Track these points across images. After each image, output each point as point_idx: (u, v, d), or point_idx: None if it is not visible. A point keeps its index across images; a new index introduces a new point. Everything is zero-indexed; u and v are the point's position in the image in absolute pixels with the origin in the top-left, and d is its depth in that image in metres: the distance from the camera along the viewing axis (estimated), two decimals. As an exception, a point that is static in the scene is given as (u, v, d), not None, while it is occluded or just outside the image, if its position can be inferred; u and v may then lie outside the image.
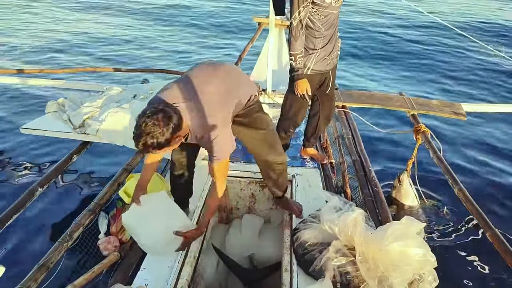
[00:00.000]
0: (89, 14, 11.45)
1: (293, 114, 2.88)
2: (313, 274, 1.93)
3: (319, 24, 2.49)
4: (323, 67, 2.67)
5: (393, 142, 4.78)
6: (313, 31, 2.52)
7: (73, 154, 3.09)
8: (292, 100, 2.83)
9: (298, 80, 2.59)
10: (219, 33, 9.95)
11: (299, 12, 2.40)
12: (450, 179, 2.76)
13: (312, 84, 2.70)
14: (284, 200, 2.54)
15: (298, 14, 2.41)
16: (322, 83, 2.81)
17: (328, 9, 2.45)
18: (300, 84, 2.60)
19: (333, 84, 2.87)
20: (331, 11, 2.47)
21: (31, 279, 1.98)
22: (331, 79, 2.81)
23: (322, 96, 2.91)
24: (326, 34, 2.55)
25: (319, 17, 2.46)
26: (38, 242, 2.78)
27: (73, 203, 3.53)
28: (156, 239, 2.07)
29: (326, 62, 2.66)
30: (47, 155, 4.34)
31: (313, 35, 2.54)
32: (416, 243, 1.77)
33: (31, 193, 2.61)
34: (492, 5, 13.49)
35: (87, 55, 8.17)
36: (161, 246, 2.09)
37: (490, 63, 7.98)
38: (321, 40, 2.56)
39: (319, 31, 2.52)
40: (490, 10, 12.84)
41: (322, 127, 3.12)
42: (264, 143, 2.27)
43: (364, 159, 3.17)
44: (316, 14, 2.45)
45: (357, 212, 1.91)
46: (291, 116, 2.90)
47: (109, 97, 3.55)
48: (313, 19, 2.48)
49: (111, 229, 2.75)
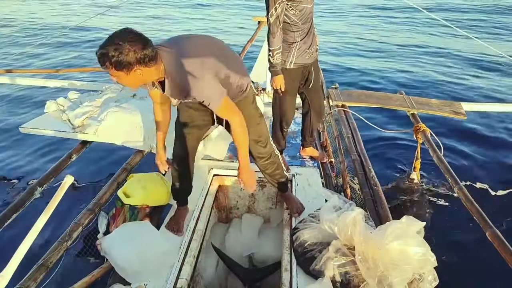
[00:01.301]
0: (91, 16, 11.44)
1: (283, 113, 2.95)
2: (313, 274, 1.93)
3: (295, 18, 2.58)
4: (305, 60, 2.75)
5: (393, 142, 4.78)
6: (290, 25, 2.61)
7: (72, 154, 3.09)
8: (278, 98, 2.90)
9: (274, 76, 2.68)
10: (219, 34, 9.95)
11: (275, 8, 2.49)
12: (450, 178, 2.76)
13: (297, 79, 2.79)
14: (287, 195, 2.55)
15: (274, 11, 2.50)
16: (306, 79, 2.88)
17: (302, 3, 2.54)
18: (276, 80, 2.69)
19: (316, 78, 2.92)
20: (305, 5, 2.56)
21: (31, 279, 1.98)
22: (313, 73, 2.87)
23: (309, 93, 2.97)
24: (303, 28, 2.64)
25: (294, 11, 2.55)
26: (37, 241, 2.77)
27: (72, 203, 3.53)
28: (131, 260, 2.02)
29: (306, 55, 2.74)
30: (46, 154, 4.34)
31: (291, 29, 2.63)
32: (416, 242, 1.76)
33: (30, 192, 2.60)
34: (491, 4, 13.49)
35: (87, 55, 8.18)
36: (137, 267, 2.03)
37: (490, 62, 7.98)
38: (299, 33, 2.65)
39: (296, 25, 2.61)
40: (489, 8, 12.84)
41: (315, 123, 3.16)
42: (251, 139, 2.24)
43: (363, 159, 3.17)
44: (291, 9, 2.54)
45: (357, 211, 1.91)
46: (281, 115, 2.96)
47: (108, 97, 3.55)
48: (289, 15, 2.57)
49: (111, 229, 2.75)
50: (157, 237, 2.18)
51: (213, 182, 2.86)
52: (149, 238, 2.15)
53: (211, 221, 2.77)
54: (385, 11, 12.60)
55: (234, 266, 2.50)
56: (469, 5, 13.39)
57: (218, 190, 2.92)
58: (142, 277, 2.02)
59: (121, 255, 2.03)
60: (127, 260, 2.02)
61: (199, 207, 2.57)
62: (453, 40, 9.51)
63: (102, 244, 2.14)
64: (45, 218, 1.30)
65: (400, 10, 12.51)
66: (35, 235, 1.27)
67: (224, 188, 2.97)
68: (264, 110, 4.04)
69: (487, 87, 6.82)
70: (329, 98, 4.11)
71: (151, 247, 2.09)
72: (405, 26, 10.97)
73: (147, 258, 2.04)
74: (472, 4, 13.55)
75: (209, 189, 2.77)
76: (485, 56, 8.28)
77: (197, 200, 2.60)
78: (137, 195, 2.63)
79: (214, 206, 2.88)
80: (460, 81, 7.13)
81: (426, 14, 4.28)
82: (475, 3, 13.62)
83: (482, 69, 7.68)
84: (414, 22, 11.25)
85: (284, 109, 2.92)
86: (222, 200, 3.02)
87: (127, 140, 3.10)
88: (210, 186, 2.81)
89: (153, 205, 2.72)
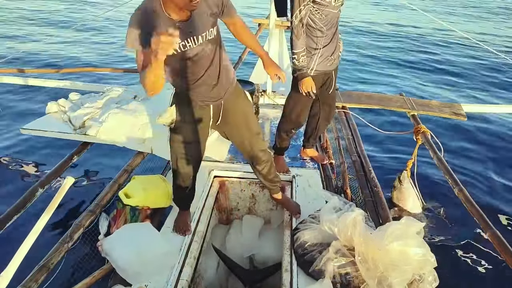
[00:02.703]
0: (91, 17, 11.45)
1: (296, 115, 2.86)
2: (313, 275, 1.94)
3: (320, 23, 2.49)
4: (326, 67, 2.66)
5: (393, 143, 4.78)
6: (314, 30, 2.53)
7: (74, 155, 3.09)
8: (296, 100, 2.80)
9: (303, 79, 2.57)
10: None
11: (299, 10, 2.41)
12: (450, 179, 2.76)
13: (316, 86, 2.68)
14: (284, 198, 2.56)
15: (299, 13, 2.42)
16: (324, 83, 2.81)
17: (329, 8, 2.45)
18: (305, 83, 2.57)
19: (334, 85, 2.87)
20: (331, 10, 2.47)
21: (32, 280, 1.98)
22: (333, 79, 2.82)
23: (323, 97, 2.90)
24: (327, 34, 2.55)
25: (320, 16, 2.47)
26: (39, 242, 2.77)
27: (73, 204, 3.54)
28: (132, 261, 2.03)
29: (329, 62, 2.65)
30: (47, 155, 4.34)
31: (315, 34, 2.54)
32: (416, 243, 1.77)
33: (32, 193, 2.61)
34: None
35: (87, 54, 8.19)
36: (137, 268, 2.04)
37: (490, 64, 7.99)
38: (323, 39, 2.56)
39: (320, 30, 2.52)
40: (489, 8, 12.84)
41: (321, 127, 3.12)
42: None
43: (364, 160, 3.17)
44: (316, 13, 2.46)
45: (357, 212, 1.91)
46: (294, 117, 2.88)
47: (109, 98, 3.56)
48: (313, 18, 2.48)
49: (111, 230, 2.74)
50: (157, 239, 2.19)
51: (213, 184, 2.87)
52: (150, 240, 2.15)
53: (211, 223, 2.78)
54: (385, 13, 12.61)
55: (234, 267, 2.50)
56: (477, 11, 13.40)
57: (219, 192, 2.92)
58: (142, 278, 2.03)
59: (122, 256, 2.04)
60: (128, 261, 2.03)
61: (200, 208, 2.57)
62: (453, 40, 9.51)
63: (103, 245, 2.15)
64: (46, 219, 1.31)
65: (400, 10, 12.52)
66: (36, 236, 1.27)
67: (225, 189, 2.98)
68: (264, 112, 4.07)
69: (487, 88, 6.82)
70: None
71: (151, 249, 2.10)
72: (405, 26, 10.98)
73: (147, 259, 2.05)
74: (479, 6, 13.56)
75: (209, 191, 2.77)
76: (485, 56, 8.28)
77: (198, 201, 2.60)
78: (138, 196, 2.63)
79: (214, 208, 2.88)
80: (461, 82, 7.13)
81: (429, 18, 4.28)
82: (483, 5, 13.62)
83: (483, 70, 7.68)
84: (414, 22, 11.26)
85: (298, 113, 2.84)
86: (222, 202, 3.02)
87: (128, 142, 3.10)
88: (211, 187, 2.81)
89: (154, 207, 2.73)
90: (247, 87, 3.70)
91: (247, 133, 2.25)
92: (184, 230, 2.37)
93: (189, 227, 2.39)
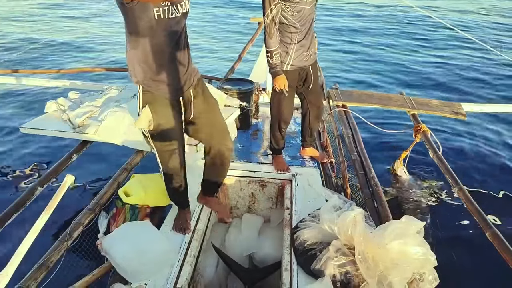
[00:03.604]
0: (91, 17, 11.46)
1: (280, 113, 2.93)
2: (313, 273, 1.93)
3: (292, 19, 2.56)
4: (302, 62, 2.74)
5: (393, 142, 4.77)
6: (288, 26, 2.60)
7: (73, 154, 3.09)
8: (275, 99, 2.89)
9: (276, 76, 2.66)
10: (219, 34, 9.96)
11: (270, 9, 2.48)
12: (450, 178, 2.76)
13: (293, 80, 2.78)
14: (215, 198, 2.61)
15: (270, 12, 2.49)
16: (305, 80, 2.87)
17: (301, 4, 2.51)
18: (277, 80, 2.67)
19: (315, 80, 2.92)
20: (304, 6, 2.53)
21: (31, 278, 1.98)
22: (312, 75, 2.86)
23: (308, 94, 2.96)
24: (301, 29, 2.62)
25: (291, 12, 2.53)
26: (38, 241, 2.77)
27: (73, 202, 3.53)
28: (131, 260, 2.03)
29: (305, 58, 2.73)
30: (46, 154, 4.34)
31: (289, 30, 2.61)
32: (416, 241, 1.77)
33: (31, 192, 2.61)
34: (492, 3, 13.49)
35: (87, 55, 8.18)
36: (137, 267, 2.04)
37: (490, 63, 7.98)
38: (297, 35, 2.63)
39: (294, 26, 2.59)
40: (489, 8, 12.84)
41: (314, 125, 3.17)
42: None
43: (364, 159, 3.17)
44: (288, 10, 2.52)
45: (357, 211, 1.91)
46: (278, 115, 2.95)
47: (108, 97, 3.55)
48: (286, 15, 2.55)
49: (111, 229, 2.75)
50: (157, 237, 2.18)
51: (213, 182, 2.86)
52: (150, 238, 2.15)
53: (211, 221, 2.77)
54: (385, 13, 12.61)
55: (234, 266, 2.50)
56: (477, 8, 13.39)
57: (219, 190, 2.91)
58: (142, 276, 2.03)
59: (122, 255, 2.04)
60: (127, 259, 2.02)
61: (200, 207, 2.57)
62: (453, 39, 9.50)
63: (103, 244, 2.14)
64: (46, 218, 1.31)
65: (401, 9, 12.52)
66: (36, 234, 1.27)
67: (225, 188, 2.97)
68: (264, 110, 4.07)
69: (487, 88, 6.82)
70: (330, 98, 4.12)
71: (151, 247, 2.09)
72: (405, 25, 10.97)
73: (147, 257, 2.04)
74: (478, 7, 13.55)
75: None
76: (485, 55, 8.28)
77: (197, 200, 2.60)
78: (137, 195, 2.63)
79: (214, 206, 2.88)
80: (460, 81, 7.13)
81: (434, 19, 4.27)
82: (479, 6, 13.62)
83: (482, 69, 7.68)
84: (415, 22, 11.25)
85: (282, 110, 2.91)
86: (222, 200, 3.02)
87: (128, 140, 3.10)
88: (211, 186, 2.81)
89: (153, 205, 2.73)
90: (247, 86, 3.69)
91: (214, 129, 2.28)
92: (184, 229, 2.37)
93: (189, 225, 2.40)
